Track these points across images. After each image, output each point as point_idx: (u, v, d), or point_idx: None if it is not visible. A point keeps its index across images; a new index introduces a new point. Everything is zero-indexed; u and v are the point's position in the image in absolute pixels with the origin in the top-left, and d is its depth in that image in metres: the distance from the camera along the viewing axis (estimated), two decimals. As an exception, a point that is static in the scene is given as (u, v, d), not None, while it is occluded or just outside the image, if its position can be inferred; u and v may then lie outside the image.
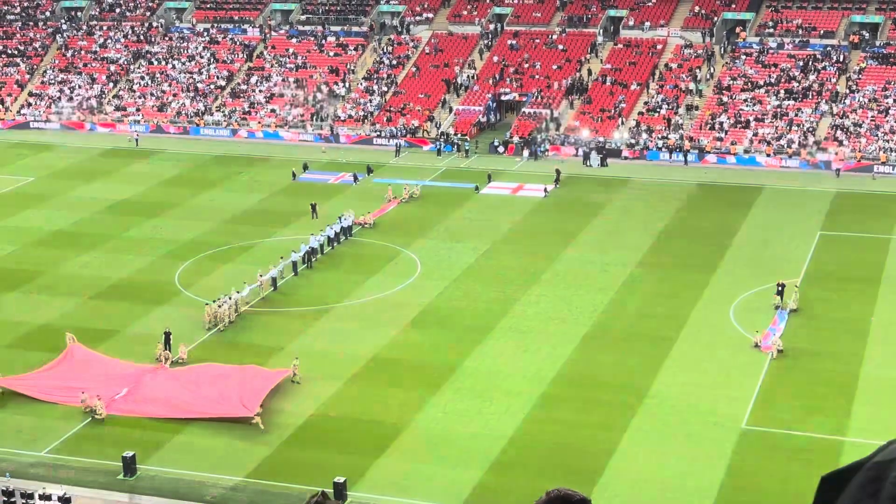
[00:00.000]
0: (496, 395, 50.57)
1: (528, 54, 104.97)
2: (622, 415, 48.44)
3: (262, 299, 62.49)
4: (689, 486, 42.87)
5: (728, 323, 58.07)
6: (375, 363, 53.94)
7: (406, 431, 47.54)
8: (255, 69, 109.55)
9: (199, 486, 43.72)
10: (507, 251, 69.94)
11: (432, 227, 74.56)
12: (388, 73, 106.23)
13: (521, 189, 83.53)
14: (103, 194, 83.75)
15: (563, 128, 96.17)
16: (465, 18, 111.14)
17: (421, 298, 62.16)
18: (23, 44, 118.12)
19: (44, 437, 47.73)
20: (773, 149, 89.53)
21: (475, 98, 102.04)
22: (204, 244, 71.76)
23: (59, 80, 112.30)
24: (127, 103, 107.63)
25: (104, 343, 56.85)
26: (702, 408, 49.02)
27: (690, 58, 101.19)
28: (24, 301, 63.08)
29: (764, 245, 70.01)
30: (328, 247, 70.31)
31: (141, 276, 66.53)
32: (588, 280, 64.57)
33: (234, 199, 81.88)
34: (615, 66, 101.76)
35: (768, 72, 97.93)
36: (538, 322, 58.74)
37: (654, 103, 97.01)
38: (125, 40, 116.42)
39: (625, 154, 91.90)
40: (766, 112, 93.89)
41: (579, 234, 72.63)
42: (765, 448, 45.75)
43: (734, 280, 63.95)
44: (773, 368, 52.77)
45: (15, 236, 74.29)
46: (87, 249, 71.18)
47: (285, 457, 45.87)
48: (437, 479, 43.89)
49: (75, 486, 43.24)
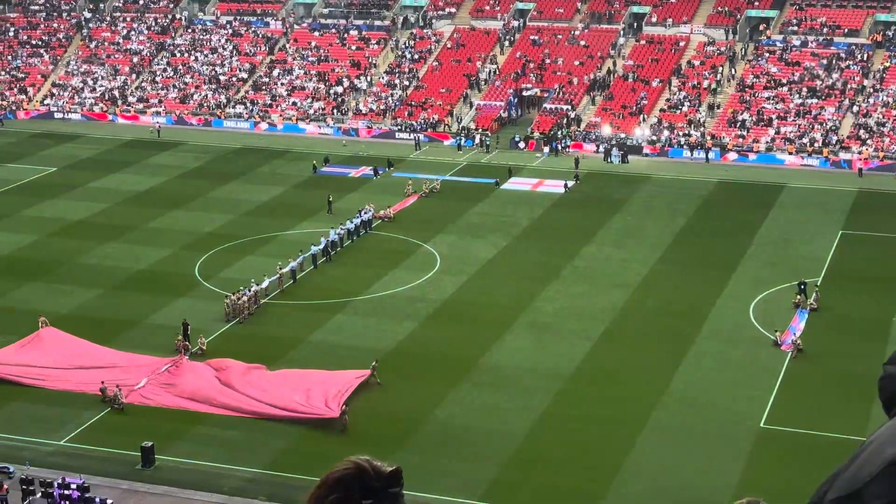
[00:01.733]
0: (514, 391, 50.55)
1: (550, 50, 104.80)
2: (640, 412, 48.34)
3: (282, 291, 62.64)
4: (707, 485, 42.75)
5: (748, 321, 57.87)
6: (394, 357, 53.98)
7: (423, 426, 47.57)
8: (277, 62, 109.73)
9: (217, 477, 43.87)
10: (527, 247, 69.87)
11: (452, 222, 74.55)
12: (410, 68, 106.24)
13: (541, 184, 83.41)
14: (124, 185, 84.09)
15: (585, 124, 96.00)
16: (487, 13, 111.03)
17: (440, 293, 62.17)
18: (46, 34, 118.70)
19: (63, 426, 47.98)
20: (795, 147, 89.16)
21: (496, 93, 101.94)
22: (224, 236, 71.96)
23: (82, 71, 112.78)
24: (149, 95, 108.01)
25: (124, 333, 57.12)
26: (720, 406, 48.89)
27: (713, 55, 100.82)
28: (45, 291, 63.42)
29: (785, 244, 69.73)
30: (348, 240, 70.41)
31: (161, 268, 66.78)
32: (607, 276, 64.46)
33: (255, 191, 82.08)
34: (637, 63, 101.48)
35: (791, 70, 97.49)
36: (557, 318, 58.67)
37: (676, 100, 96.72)
38: (148, 32, 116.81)
39: (646, 151, 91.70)
40: (788, 110, 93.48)
41: (599, 231, 72.49)
42: (783, 448, 45.60)
43: (754, 278, 63.71)
44: (792, 368, 52.57)
45: (37, 226, 74.65)
46: (108, 240, 71.47)
47: (303, 449, 45.96)
48: (455, 474, 43.90)
49: (94, 476, 43.45)
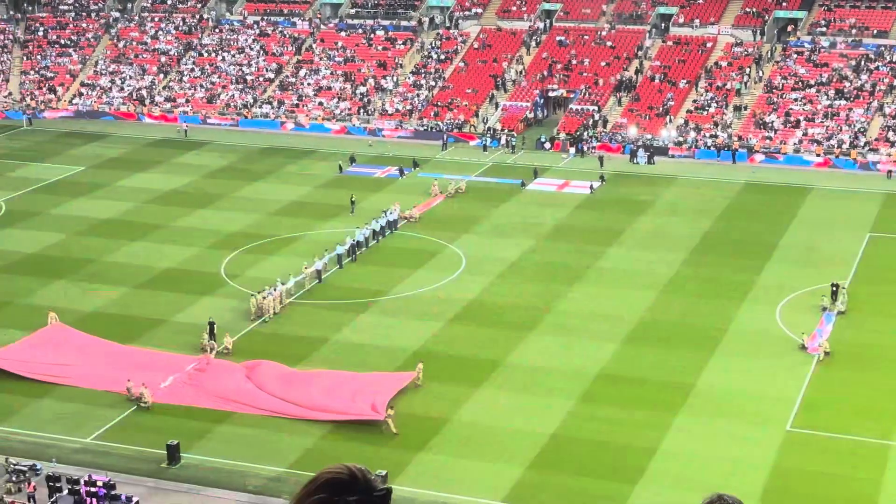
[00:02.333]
0: (538, 392, 50.48)
1: (577, 51, 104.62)
2: (665, 414, 48.18)
3: (307, 291, 62.77)
4: (732, 487, 42.48)
5: (774, 324, 57.57)
6: (418, 357, 53.97)
7: (448, 426, 47.57)
8: (303, 62, 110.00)
9: (241, 475, 44.01)
10: (552, 248, 69.76)
11: (477, 223, 74.51)
12: (436, 68, 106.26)
13: (566, 185, 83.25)
14: (151, 184, 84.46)
15: (611, 125, 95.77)
16: (513, 14, 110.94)
17: (465, 293, 62.14)
18: (75, 34, 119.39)
19: (89, 423, 48.24)
20: (823, 149, 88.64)
21: (522, 94, 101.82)
22: (250, 235, 72.19)
23: (110, 71, 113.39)
24: (177, 94, 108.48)
25: (150, 332, 57.43)
26: (746, 408, 48.65)
27: (740, 56, 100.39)
28: (72, 289, 63.79)
29: (812, 246, 69.31)
30: (373, 240, 70.50)
31: (187, 266, 67.06)
32: (633, 278, 64.27)
33: (281, 191, 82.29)
34: (664, 64, 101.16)
35: (819, 71, 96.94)
36: (582, 319, 58.55)
37: (703, 101, 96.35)
38: (176, 32, 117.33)
39: (672, 152, 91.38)
40: (816, 112, 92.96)
41: (625, 232, 72.29)
42: (810, 451, 45.35)
43: (781, 280, 63.37)
44: (819, 370, 52.26)
45: (64, 225, 75.10)
46: (134, 239, 71.82)
47: (327, 449, 46.04)
48: (478, 474, 43.88)
49: (120, 473, 43.66)
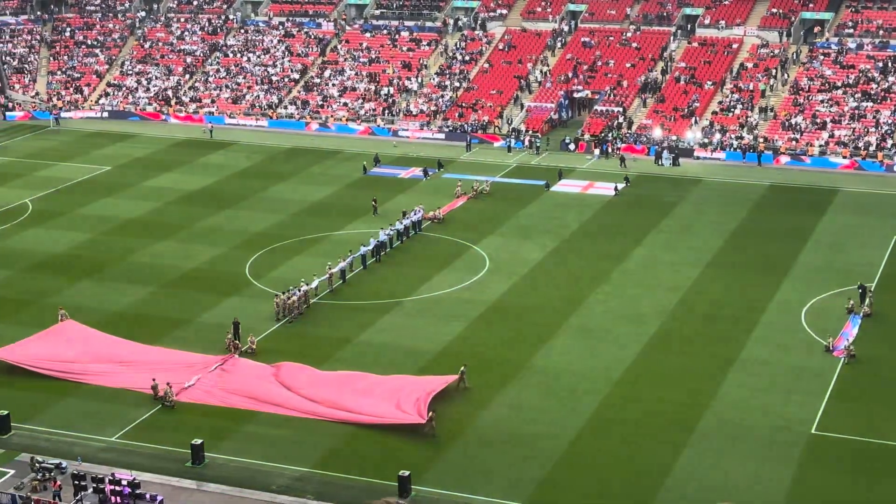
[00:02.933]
0: (562, 394, 50.40)
1: (602, 52, 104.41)
2: (689, 416, 48.01)
3: (331, 292, 62.88)
4: (756, 490, 42.38)
5: (800, 326, 57.29)
6: (442, 358, 54.00)
7: (471, 427, 47.54)
8: (328, 63, 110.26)
9: (266, 475, 44.12)
10: (577, 249, 69.65)
11: (502, 224, 74.49)
12: (461, 69, 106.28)
13: (591, 187, 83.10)
14: (177, 184, 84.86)
15: (636, 126, 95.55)
16: (538, 15, 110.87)
17: (489, 294, 62.13)
18: (102, 35, 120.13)
19: (114, 422, 48.46)
20: (849, 151, 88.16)
21: (547, 95, 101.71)
22: (275, 236, 72.40)
23: (136, 71, 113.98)
24: (202, 95, 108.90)
25: (175, 331, 57.66)
26: (771, 411, 48.44)
27: (766, 57, 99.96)
28: (98, 288, 64.11)
29: (838, 248, 68.95)
30: (397, 241, 70.57)
31: (212, 267, 67.34)
32: (657, 280, 64.11)
33: (306, 191, 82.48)
34: (690, 65, 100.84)
35: (846, 73, 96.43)
36: (606, 321, 58.44)
37: (729, 103, 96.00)
38: (201, 32, 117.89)
39: (697, 153, 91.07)
40: (842, 114, 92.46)
41: (649, 234, 72.11)
42: (835, 454, 45.09)
43: (807, 283, 63.06)
44: (844, 373, 51.97)
45: (90, 225, 75.53)
46: (160, 239, 72.15)
47: (351, 449, 46.11)
48: (502, 475, 43.85)
49: (144, 472, 43.84)
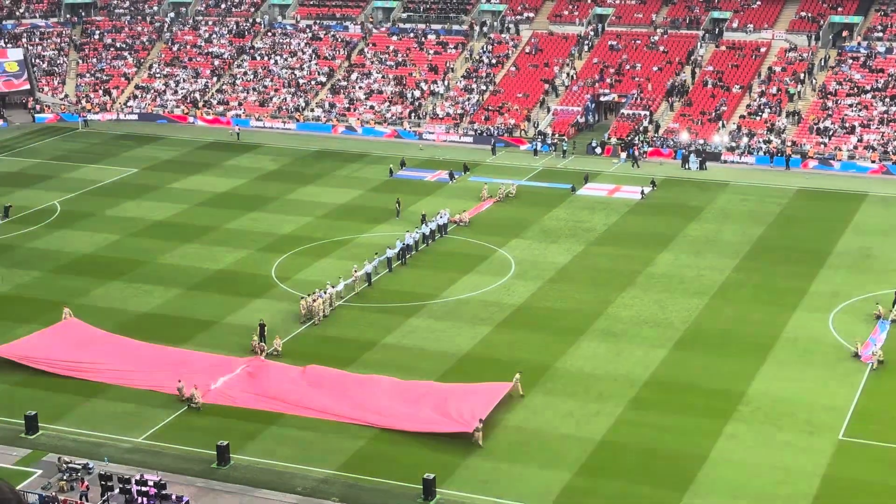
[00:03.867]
0: (587, 397, 50.28)
1: (629, 55, 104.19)
2: (715, 421, 47.79)
3: (356, 294, 62.97)
4: (783, 496, 42.13)
5: (827, 331, 56.96)
6: (467, 361, 53.98)
7: (496, 430, 47.49)
8: (355, 66, 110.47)
9: (290, 477, 44.20)
10: (602, 253, 69.49)
11: (527, 227, 74.42)
12: (487, 72, 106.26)
13: (617, 190, 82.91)
14: (204, 187, 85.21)
15: (663, 130, 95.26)
16: (565, 18, 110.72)
17: (514, 298, 62.07)
18: (130, 37, 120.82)
19: (141, 423, 48.67)
20: (878, 155, 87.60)
21: (574, 98, 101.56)
22: (301, 238, 72.59)
23: (164, 74, 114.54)
24: (229, 97, 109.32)
25: (201, 333, 57.88)
26: (798, 417, 48.17)
27: (795, 61, 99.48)
28: (125, 290, 64.43)
29: (866, 253, 68.51)
30: (423, 244, 70.60)
31: (238, 269, 67.56)
32: (683, 284, 63.88)
33: (332, 194, 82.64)
34: (717, 69, 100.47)
35: (875, 77, 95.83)
36: (632, 325, 58.26)
37: (756, 107, 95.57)
38: (229, 35, 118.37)
39: (724, 157, 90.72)
40: (871, 118, 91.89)
41: (676, 238, 71.87)
42: (862, 460, 44.79)
43: (834, 288, 62.70)
44: (872, 379, 51.64)
45: (117, 226, 75.94)
46: (186, 241, 72.47)
47: (376, 452, 46.13)
48: (526, 479, 43.78)
49: (170, 473, 44.01)
